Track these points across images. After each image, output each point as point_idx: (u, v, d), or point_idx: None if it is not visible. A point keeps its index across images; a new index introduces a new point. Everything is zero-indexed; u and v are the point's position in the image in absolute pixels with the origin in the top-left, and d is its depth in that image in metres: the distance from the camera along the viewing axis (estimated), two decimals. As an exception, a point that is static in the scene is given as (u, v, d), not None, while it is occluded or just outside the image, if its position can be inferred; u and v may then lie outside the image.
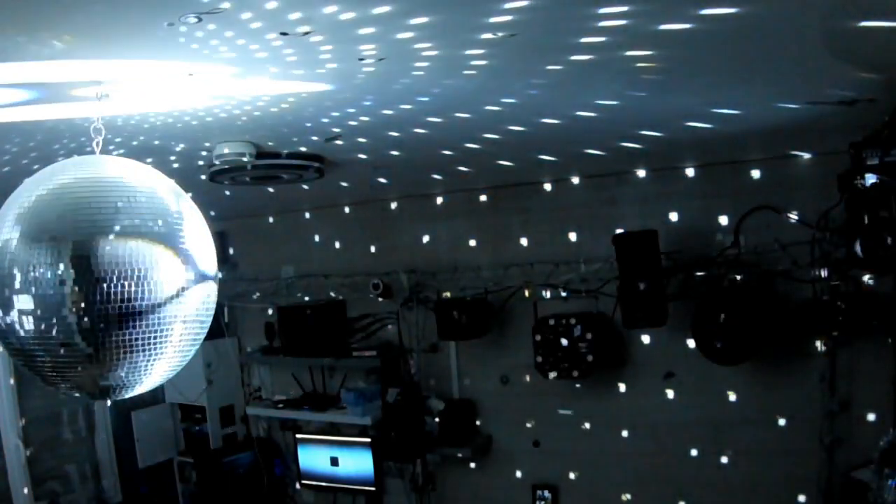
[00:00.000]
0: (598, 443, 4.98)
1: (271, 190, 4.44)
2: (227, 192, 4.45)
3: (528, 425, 5.24)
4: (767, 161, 4.28)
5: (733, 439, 4.51)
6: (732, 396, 4.48)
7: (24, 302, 1.76)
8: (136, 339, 1.79)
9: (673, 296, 4.32)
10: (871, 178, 2.95)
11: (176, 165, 3.53)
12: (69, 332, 1.74)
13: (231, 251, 6.61)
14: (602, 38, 1.95)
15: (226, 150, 3.19)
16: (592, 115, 2.91)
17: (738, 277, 4.26)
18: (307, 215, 6.18)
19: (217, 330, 6.08)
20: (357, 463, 5.74)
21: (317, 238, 6.17)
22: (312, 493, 6.22)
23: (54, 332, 1.75)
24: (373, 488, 5.70)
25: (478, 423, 5.46)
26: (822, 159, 4.09)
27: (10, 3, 1.53)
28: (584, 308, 4.84)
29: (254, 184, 3.91)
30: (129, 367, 1.83)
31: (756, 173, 4.33)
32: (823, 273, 4.04)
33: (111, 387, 1.87)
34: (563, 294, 4.92)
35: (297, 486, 6.17)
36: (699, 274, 4.36)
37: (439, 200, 5.50)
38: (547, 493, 5.19)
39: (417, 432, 5.28)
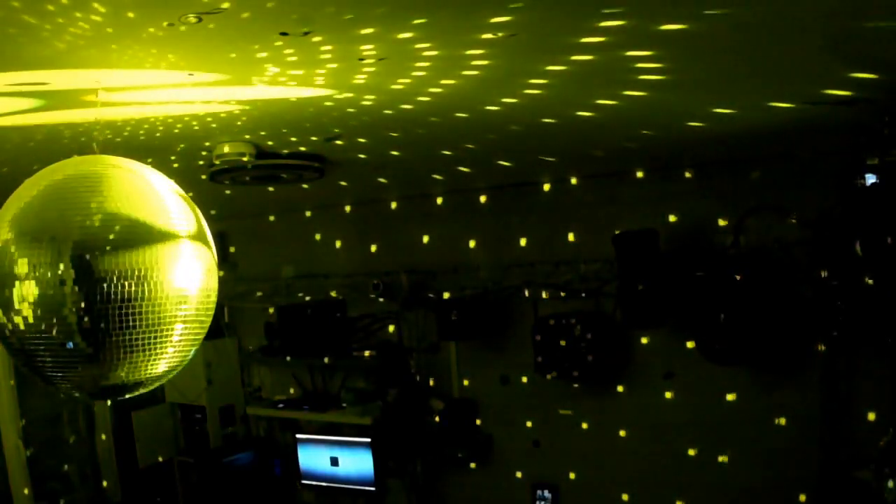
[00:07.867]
0: (598, 443, 4.97)
1: (271, 190, 4.44)
2: (228, 192, 4.45)
3: (529, 425, 5.24)
4: (767, 161, 4.28)
5: (733, 439, 4.50)
6: (732, 396, 4.47)
7: (24, 302, 1.76)
8: (136, 339, 1.79)
9: (673, 296, 4.31)
10: (871, 178, 2.96)
11: (176, 165, 3.53)
12: (69, 332, 1.74)
13: (231, 251, 6.61)
14: (602, 38, 1.95)
15: (226, 150, 3.19)
16: (592, 115, 2.91)
17: (738, 277, 4.26)
18: (307, 215, 6.18)
19: (217, 330, 6.10)
20: (357, 463, 5.74)
21: (317, 238, 6.17)
22: (312, 493, 6.22)
23: (54, 332, 1.75)
24: (373, 488, 5.70)
25: (478, 422, 5.46)
26: (821, 159, 4.08)
27: (10, 3, 1.53)
28: (584, 308, 4.84)
29: (254, 184, 3.92)
30: (129, 367, 1.82)
31: (756, 173, 4.33)
32: (823, 273, 4.03)
33: (111, 387, 1.87)
34: (563, 294, 4.92)
35: (298, 485, 6.17)
36: (699, 274, 4.36)
37: (439, 200, 5.50)
38: (547, 493, 5.18)
39: (417, 432, 5.28)
